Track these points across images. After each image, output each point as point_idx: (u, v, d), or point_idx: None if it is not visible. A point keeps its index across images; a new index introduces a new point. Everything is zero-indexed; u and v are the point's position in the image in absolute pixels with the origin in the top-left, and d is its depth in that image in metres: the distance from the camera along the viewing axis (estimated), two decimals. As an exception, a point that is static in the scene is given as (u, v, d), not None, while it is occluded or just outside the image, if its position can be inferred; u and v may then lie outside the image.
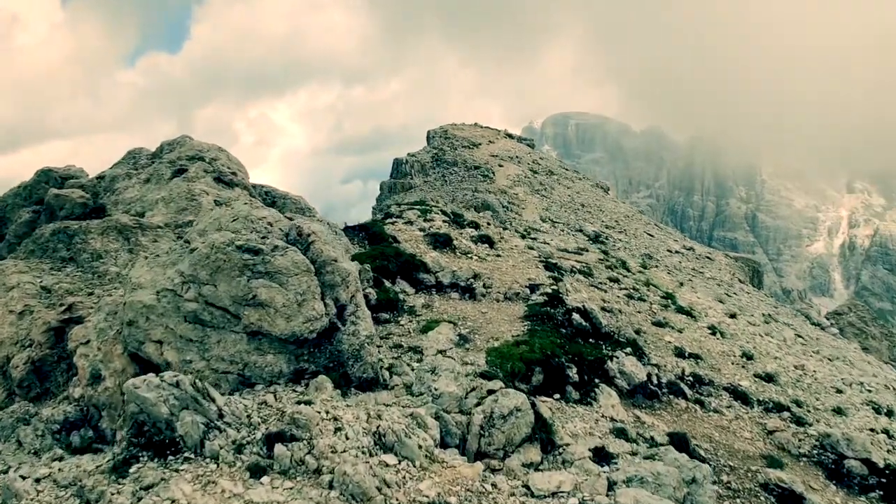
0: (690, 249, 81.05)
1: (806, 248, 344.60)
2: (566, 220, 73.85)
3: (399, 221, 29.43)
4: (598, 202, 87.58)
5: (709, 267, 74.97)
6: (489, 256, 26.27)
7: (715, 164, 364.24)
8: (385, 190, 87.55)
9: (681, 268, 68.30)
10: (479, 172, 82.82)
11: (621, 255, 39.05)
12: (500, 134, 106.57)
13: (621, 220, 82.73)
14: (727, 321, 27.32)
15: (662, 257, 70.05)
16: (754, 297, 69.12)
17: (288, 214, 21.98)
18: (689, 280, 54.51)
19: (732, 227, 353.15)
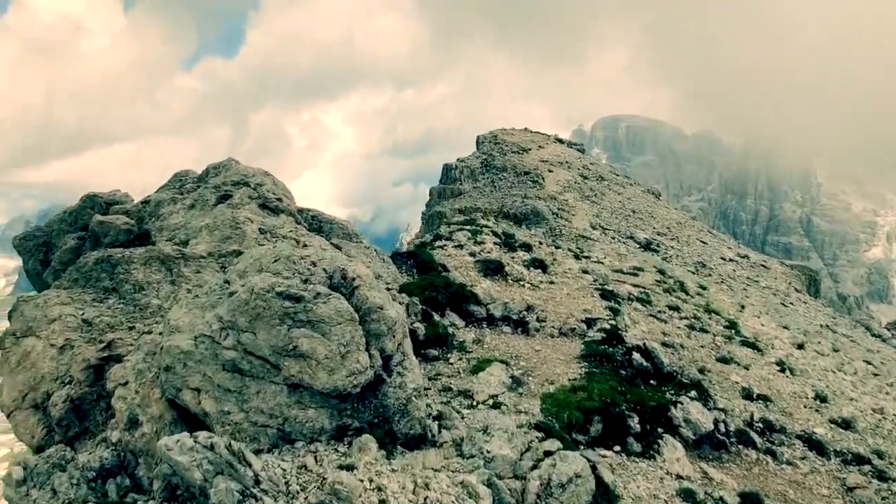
0: (745, 257, 78.47)
1: (863, 253, 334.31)
2: (617, 226, 72.18)
3: (449, 245, 28.47)
4: (649, 208, 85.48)
5: (764, 276, 72.54)
6: (542, 283, 25.05)
7: (769, 168, 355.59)
8: (434, 195, 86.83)
9: (735, 277, 66.18)
10: (529, 178, 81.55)
11: (677, 273, 37.44)
12: (550, 139, 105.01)
13: (673, 226, 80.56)
14: (795, 354, 25.64)
15: (716, 265, 67.99)
16: (811, 306, 66.64)
17: (335, 241, 21.14)
18: (746, 297, 52.50)
19: (786, 231, 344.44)
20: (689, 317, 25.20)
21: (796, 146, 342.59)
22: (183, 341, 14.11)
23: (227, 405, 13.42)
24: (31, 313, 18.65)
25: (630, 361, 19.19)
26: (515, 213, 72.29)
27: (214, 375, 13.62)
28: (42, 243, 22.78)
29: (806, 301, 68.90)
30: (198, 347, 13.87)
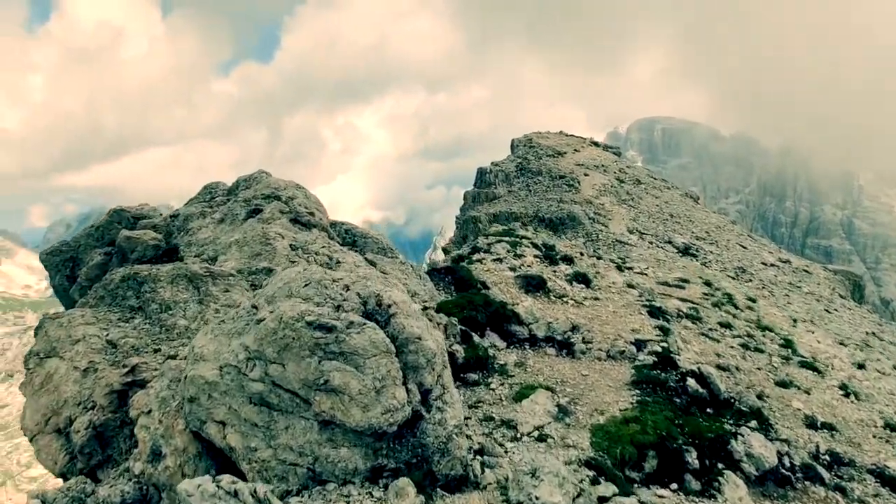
0: (787, 262, 76.17)
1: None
2: (654, 231, 70.52)
3: (487, 258, 27.26)
4: (687, 212, 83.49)
5: (806, 281, 70.29)
6: (586, 300, 23.90)
7: (808, 170, 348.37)
8: (469, 200, 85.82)
9: (777, 282, 64.24)
10: (564, 182, 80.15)
11: (724, 284, 35.80)
12: (586, 142, 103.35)
13: (712, 230, 78.54)
14: (857, 375, 23.96)
15: (757, 271, 66.08)
16: (856, 313, 64.40)
17: (369, 256, 20.17)
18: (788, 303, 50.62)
19: (827, 234, 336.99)
20: (742, 335, 23.72)
21: (836, 147, 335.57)
22: (207, 371, 13.20)
23: (253, 441, 12.46)
24: (55, 333, 17.99)
25: (684, 388, 17.86)
26: (551, 218, 70.92)
27: (241, 408, 12.68)
28: (69, 258, 22.19)
29: (850, 307, 66.61)
30: (223, 378, 12.95)
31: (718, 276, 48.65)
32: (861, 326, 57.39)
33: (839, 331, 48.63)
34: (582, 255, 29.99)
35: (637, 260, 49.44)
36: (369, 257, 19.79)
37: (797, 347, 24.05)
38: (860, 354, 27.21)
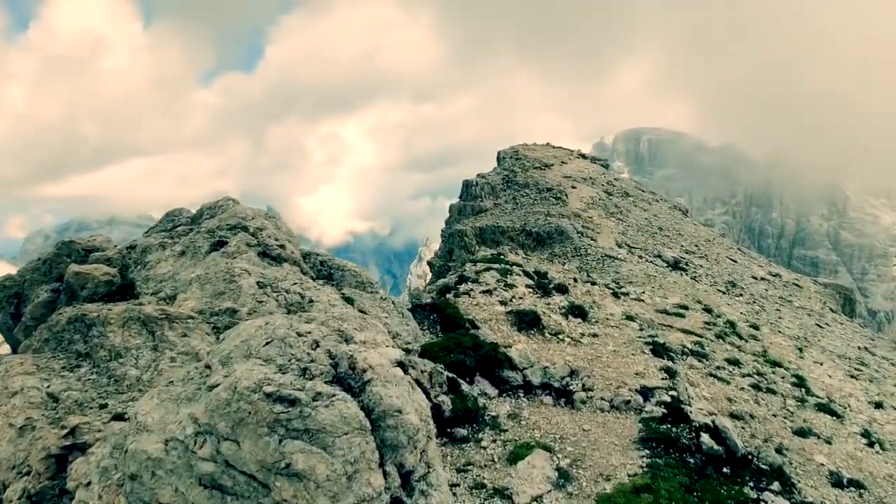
0: (777, 276, 74.98)
1: (893, 267, 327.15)
2: (643, 244, 69.14)
3: (476, 290, 24.87)
4: (676, 225, 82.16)
5: (797, 295, 69.11)
6: (584, 337, 22.02)
7: (795, 181, 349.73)
8: (454, 213, 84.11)
9: (767, 296, 63.05)
10: (552, 195, 78.66)
11: (724, 310, 34.07)
12: (573, 154, 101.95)
13: (701, 244, 77.24)
14: (877, 418, 22.04)
15: (747, 285, 64.86)
16: (848, 327, 63.29)
17: (346, 291, 18.25)
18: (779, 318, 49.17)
19: (813, 245, 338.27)
20: (751, 372, 21.89)
21: (823, 159, 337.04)
22: (151, 445, 11.19)
23: (203, 531, 10.48)
24: (-10, 383, 15.93)
25: (698, 445, 15.93)
26: (539, 232, 69.27)
27: (188, 491, 10.68)
28: (13, 294, 19.96)
29: (842, 322, 65.45)
30: (169, 454, 10.94)
31: (716, 298, 47.14)
32: (853, 341, 56.19)
33: (833, 347, 47.25)
34: (576, 282, 28.25)
35: (631, 281, 47.76)
36: (346, 293, 17.85)
37: (810, 386, 22.29)
38: (874, 389, 25.39)
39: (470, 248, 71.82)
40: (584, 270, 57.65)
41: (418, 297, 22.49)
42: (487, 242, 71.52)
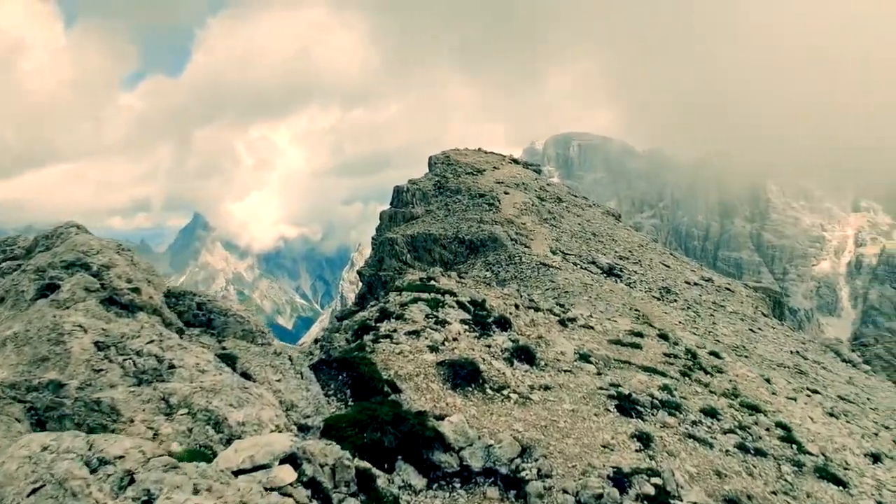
0: (709, 280, 75.52)
1: (812, 267, 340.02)
2: (578, 250, 68.55)
3: (400, 331, 20.20)
4: (609, 231, 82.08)
5: (730, 300, 69.65)
6: (534, 391, 18.27)
7: (719, 184, 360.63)
8: (385, 220, 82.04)
9: (701, 302, 63.18)
10: (485, 201, 77.51)
11: (679, 333, 32.36)
12: (505, 159, 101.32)
13: (635, 249, 77.26)
14: (881, 477, 19.46)
15: (681, 290, 64.91)
16: (780, 331, 64.06)
17: (229, 343, 14.61)
18: (714, 325, 48.81)
19: (737, 246, 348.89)
20: (733, 427, 18.31)
21: (745, 163, 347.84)
22: None
23: None
24: None
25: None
26: (472, 240, 67.88)
27: None
28: None
29: (773, 326, 66.24)
30: None
31: (664, 318, 46.33)
32: (785, 346, 56.59)
33: (770, 354, 47.17)
34: (517, 309, 25.46)
35: (567, 291, 46.60)
36: (228, 346, 14.50)
37: (800, 439, 19.77)
38: (864, 442, 23.32)
39: (401, 257, 69.91)
40: (518, 279, 56.44)
41: (330, 351, 18.81)
42: (419, 251, 69.82)
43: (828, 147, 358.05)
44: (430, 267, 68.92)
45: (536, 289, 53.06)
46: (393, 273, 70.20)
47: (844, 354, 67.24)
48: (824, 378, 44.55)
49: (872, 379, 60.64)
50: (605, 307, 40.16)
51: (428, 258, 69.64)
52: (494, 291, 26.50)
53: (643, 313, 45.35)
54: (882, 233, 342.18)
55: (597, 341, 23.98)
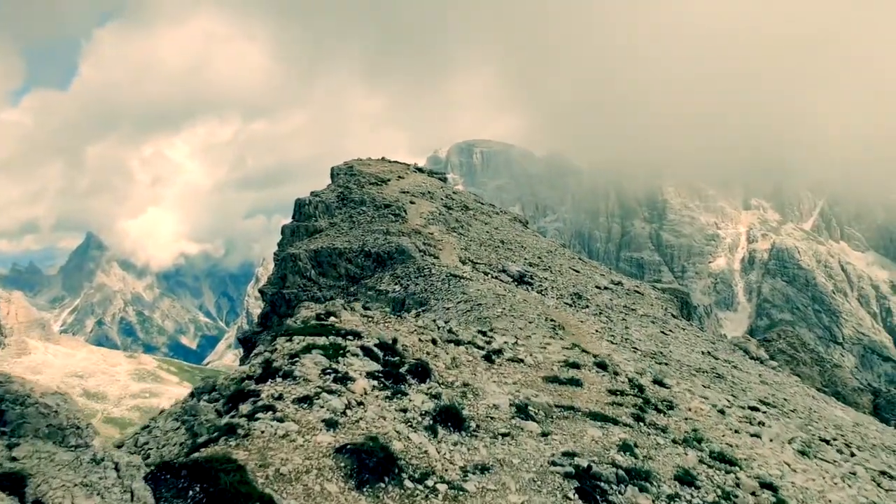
0: (619, 284, 75.39)
1: (709, 264, 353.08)
2: (487, 259, 66.92)
3: (287, 398, 14.35)
4: (518, 237, 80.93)
5: (640, 303, 69.50)
6: (468, 476, 12.87)
7: (618, 187, 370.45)
8: (287, 234, 78.07)
9: (612, 306, 62.59)
10: (390, 211, 74.87)
11: (616, 358, 30.06)
12: (410, 168, 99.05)
13: (544, 255, 76.29)
14: None
15: (592, 296, 64.18)
16: (690, 332, 64.23)
17: (27, 445, 9.54)
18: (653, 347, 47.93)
19: (638, 247, 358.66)
20: (716, 498, 14.58)
21: (642, 165, 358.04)
22: None
23: None
24: None
25: None
26: (379, 253, 65.00)
27: None
28: None
29: (683, 327, 66.33)
30: None
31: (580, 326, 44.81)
32: (697, 346, 56.45)
33: (682, 357, 46.47)
34: (436, 346, 21.45)
35: (486, 308, 44.52)
36: (22, 455, 8.31)
37: None
38: (833, 471, 21.26)
39: (305, 273, 66.31)
40: (428, 292, 54.01)
41: (171, 460, 11.73)
42: (324, 266, 66.42)
43: (718, 148, 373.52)
44: (336, 282, 65.79)
45: (448, 301, 50.86)
46: (297, 290, 66.50)
47: (752, 352, 68.05)
48: (741, 381, 44.05)
49: (780, 375, 61.55)
50: (525, 323, 38.17)
51: (333, 273, 66.35)
52: (407, 325, 22.92)
53: (559, 323, 43.80)
54: (771, 229, 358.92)
55: (531, 381, 20.93)
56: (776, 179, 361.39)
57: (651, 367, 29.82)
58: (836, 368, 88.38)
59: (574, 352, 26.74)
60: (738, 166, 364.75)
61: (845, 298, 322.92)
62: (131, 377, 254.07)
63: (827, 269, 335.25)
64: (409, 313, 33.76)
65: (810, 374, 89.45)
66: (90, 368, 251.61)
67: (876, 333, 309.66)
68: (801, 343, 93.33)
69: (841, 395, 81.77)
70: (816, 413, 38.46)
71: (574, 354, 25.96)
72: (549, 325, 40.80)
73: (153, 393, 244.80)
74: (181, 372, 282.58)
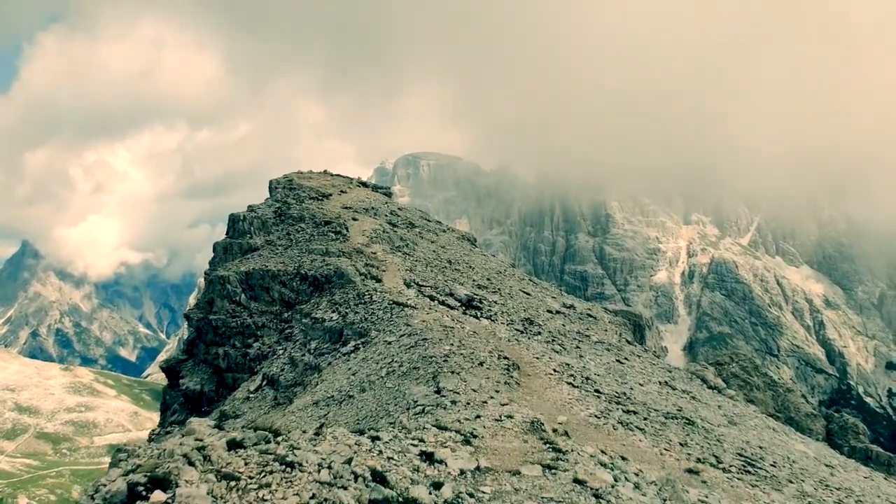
0: (571, 307, 71.97)
1: (650, 277, 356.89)
2: (434, 281, 62.65)
3: None
4: (466, 257, 76.77)
5: (594, 328, 66.22)
6: None
7: (563, 200, 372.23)
8: (219, 252, 72.40)
9: (566, 332, 59.21)
10: (331, 229, 70.02)
11: (603, 478, 25.58)
12: (353, 182, 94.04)
13: (493, 277, 72.39)
14: None
15: (544, 321, 60.69)
16: (645, 360, 61.23)
17: None
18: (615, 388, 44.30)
19: (582, 260, 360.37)
20: None
21: (585, 180, 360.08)
22: None
23: None
24: None
25: None
26: (316, 276, 60.13)
27: None
28: None
29: (639, 354, 63.25)
30: None
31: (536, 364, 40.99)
32: (654, 376, 53.57)
33: (649, 400, 43.10)
34: (377, 442, 16.03)
35: (431, 345, 40.16)
36: None
37: None
38: None
39: (234, 298, 60.96)
40: (368, 321, 49.52)
41: None
42: (256, 289, 61.20)
43: (659, 163, 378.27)
44: (269, 307, 60.54)
45: (391, 334, 46.65)
46: (226, 316, 61.02)
47: (710, 381, 65.34)
48: (709, 424, 40.66)
49: (738, 405, 58.90)
50: (475, 368, 33.98)
51: (266, 297, 61.19)
52: (310, 453, 14.36)
53: (513, 361, 39.78)
54: (711, 243, 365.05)
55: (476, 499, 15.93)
56: (714, 195, 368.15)
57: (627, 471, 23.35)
58: (788, 393, 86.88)
59: (537, 442, 21.27)
60: (679, 182, 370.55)
61: (781, 312, 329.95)
62: (66, 390, 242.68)
63: (763, 283, 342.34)
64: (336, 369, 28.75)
65: (763, 398, 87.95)
66: (23, 381, 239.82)
67: (810, 346, 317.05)
68: (753, 367, 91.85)
69: (794, 421, 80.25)
70: (797, 465, 35.26)
71: (537, 446, 20.65)
72: (503, 368, 36.70)
73: (89, 407, 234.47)
74: (119, 385, 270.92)
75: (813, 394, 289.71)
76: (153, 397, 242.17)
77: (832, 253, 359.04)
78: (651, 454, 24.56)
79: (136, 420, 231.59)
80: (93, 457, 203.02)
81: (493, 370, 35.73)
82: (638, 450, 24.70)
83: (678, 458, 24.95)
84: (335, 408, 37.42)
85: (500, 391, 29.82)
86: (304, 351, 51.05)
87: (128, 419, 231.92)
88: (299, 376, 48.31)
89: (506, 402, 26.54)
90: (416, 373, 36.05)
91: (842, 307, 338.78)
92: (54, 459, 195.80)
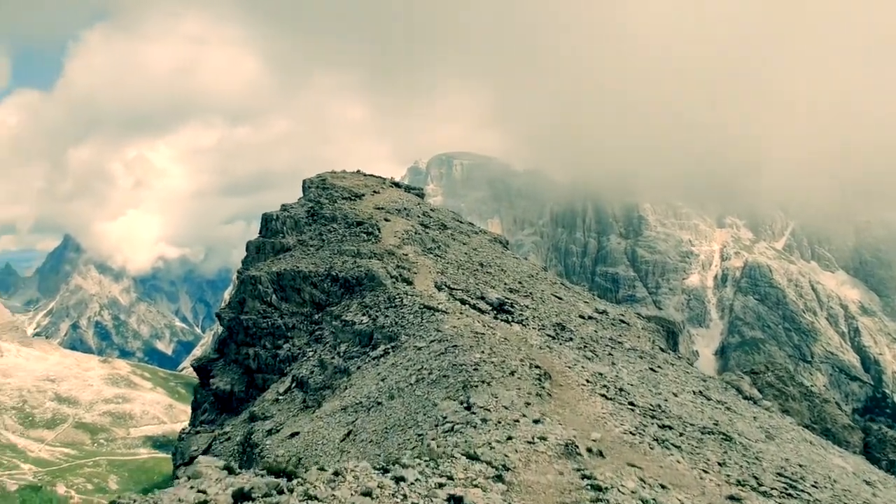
0: (604, 313, 70.74)
1: (682, 280, 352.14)
2: (465, 284, 62.09)
3: None
4: (498, 260, 75.96)
5: (626, 335, 65.04)
6: None
7: (595, 202, 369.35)
8: (252, 251, 72.62)
9: (598, 339, 58.20)
10: (363, 229, 69.71)
11: None
12: (386, 183, 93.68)
13: (525, 280, 71.50)
14: None
15: (576, 327, 59.77)
16: (679, 368, 59.93)
17: None
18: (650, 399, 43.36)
19: (614, 262, 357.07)
20: None
21: (619, 182, 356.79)
22: None
23: None
24: None
25: None
26: (347, 278, 59.99)
27: None
28: None
29: (673, 362, 61.98)
30: None
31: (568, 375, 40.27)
32: (687, 385, 52.34)
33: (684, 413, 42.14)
34: (412, 486, 15.17)
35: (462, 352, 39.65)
36: None
37: None
38: None
39: (265, 298, 61.07)
40: (398, 325, 49.16)
41: None
42: (287, 290, 61.26)
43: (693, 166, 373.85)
44: (300, 309, 60.55)
45: (421, 339, 46.23)
46: (256, 317, 61.21)
47: (745, 391, 63.86)
48: (747, 439, 39.54)
49: (775, 417, 57.45)
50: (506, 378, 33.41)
51: (297, 299, 61.23)
52: None
53: (545, 371, 39.06)
54: (744, 247, 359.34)
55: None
56: (749, 199, 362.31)
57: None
58: (825, 404, 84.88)
59: (573, 474, 20.15)
60: (713, 185, 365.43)
61: (815, 317, 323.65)
62: (104, 382, 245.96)
63: (798, 287, 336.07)
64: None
65: (799, 409, 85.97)
66: (63, 372, 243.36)
67: (844, 353, 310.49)
68: (789, 376, 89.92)
69: (831, 433, 78.28)
70: (839, 485, 34.14)
71: (574, 481, 19.57)
72: (535, 377, 36.06)
73: (126, 398, 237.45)
74: (155, 378, 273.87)
75: (847, 401, 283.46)
76: (188, 391, 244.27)
77: (869, 259, 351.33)
78: (690, 478, 23.87)
79: (170, 412, 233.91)
80: (129, 447, 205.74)
81: (524, 380, 35.12)
82: (676, 472, 24.02)
83: (718, 483, 24.22)
84: (363, 414, 37.11)
85: (531, 404, 29.25)
86: (334, 354, 50.89)
87: (163, 411, 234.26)
88: (328, 379, 48.15)
89: (538, 419, 25.94)
90: (445, 381, 35.55)
91: (878, 314, 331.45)
92: (92, 449, 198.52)
